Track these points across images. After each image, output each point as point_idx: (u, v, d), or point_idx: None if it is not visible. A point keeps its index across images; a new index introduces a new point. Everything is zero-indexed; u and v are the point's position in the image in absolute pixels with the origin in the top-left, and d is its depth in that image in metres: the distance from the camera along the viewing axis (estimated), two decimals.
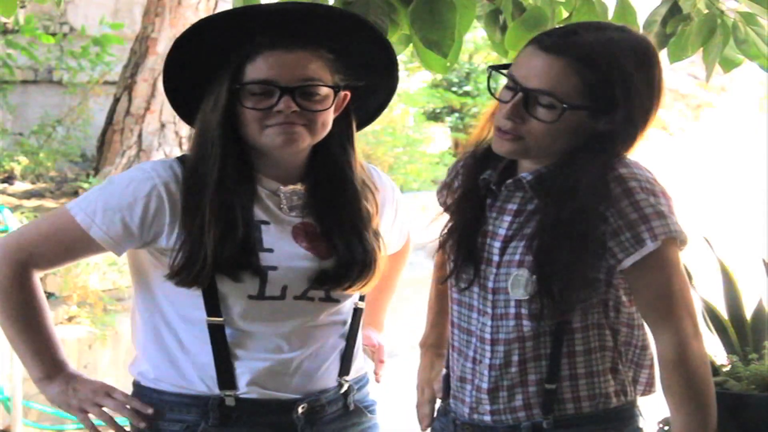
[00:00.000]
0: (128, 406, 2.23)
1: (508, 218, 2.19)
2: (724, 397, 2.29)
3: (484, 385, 2.21)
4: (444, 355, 2.38)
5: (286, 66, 2.18)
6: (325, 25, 2.24)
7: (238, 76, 2.19)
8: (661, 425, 2.31)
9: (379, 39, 2.31)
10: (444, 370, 2.35)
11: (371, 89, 2.32)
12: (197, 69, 2.23)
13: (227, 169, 2.19)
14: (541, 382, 2.18)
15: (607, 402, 2.20)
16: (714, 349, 2.47)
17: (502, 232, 2.19)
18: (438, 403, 2.39)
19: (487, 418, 2.21)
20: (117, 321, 6.74)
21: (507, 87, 2.15)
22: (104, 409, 2.23)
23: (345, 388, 2.32)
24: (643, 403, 2.29)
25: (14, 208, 7.54)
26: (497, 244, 2.19)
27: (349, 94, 2.28)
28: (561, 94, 2.08)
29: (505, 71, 2.18)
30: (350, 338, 2.32)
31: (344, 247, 2.25)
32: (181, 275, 2.17)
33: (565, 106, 2.08)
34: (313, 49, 2.21)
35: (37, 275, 2.24)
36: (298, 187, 2.28)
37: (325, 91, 2.21)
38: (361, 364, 2.40)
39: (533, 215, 2.16)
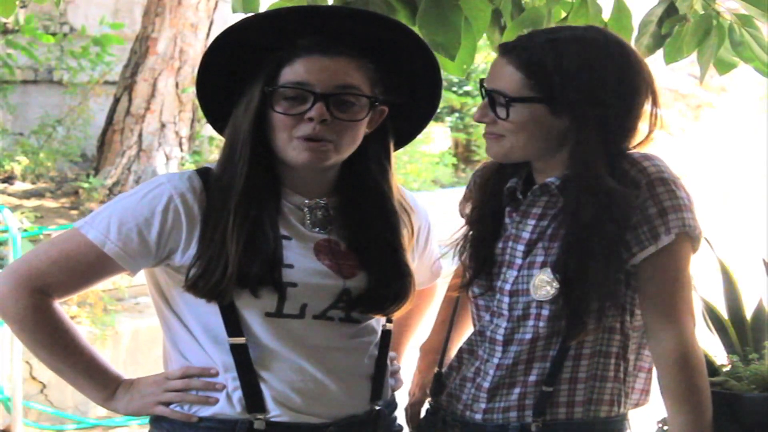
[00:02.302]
0: (192, 382, 2.14)
1: (532, 222, 2.21)
2: (724, 396, 2.29)
3: (486, 384, 2.21)
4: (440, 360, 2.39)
5: (325, 71, 2.09)
6: (370, 33, 2.14)
7: (273, 78, 2.10)
8: (660, 425, 2.31)
9: (426, 54, 2.21)
10: (435, 370, 2.36)
11: (409, 109, 2.24)
12: (232, 73, 2.14)
13: (254, 178, 2.10)
14: (540, 384, 2.18)
15: (598, 410, 2.20)
16: (714, 349, 2.47)
17: (526, 235, 2.21)
18: (427, 402, 2.40)
19: (479, 416, 2.22)
20: (117, 321, 6.75)
21: None
22: (172, 394, 2.15)
23: (376, 413, 2.21)
24: (635, 415, 2.30)
25: (14, 208, 7.56)
26: (521, 247, 2.21)
27: (387, 110, 2.19)
28: (507, 90, 2.14)
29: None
30: (380, 362, 2.22)
31: (378, 269, 2.17)
32: (198, 285, 2.08)
33: (506, 99, 2.14)
34: (355, 57, 2.11)
35: (57, 302, 2.13)
36: (323, 201, 2.19)
37: (362, 101, 2.11)
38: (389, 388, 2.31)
39: (556, 218, 2.19)
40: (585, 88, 2.12)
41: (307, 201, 2.18)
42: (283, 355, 2.12)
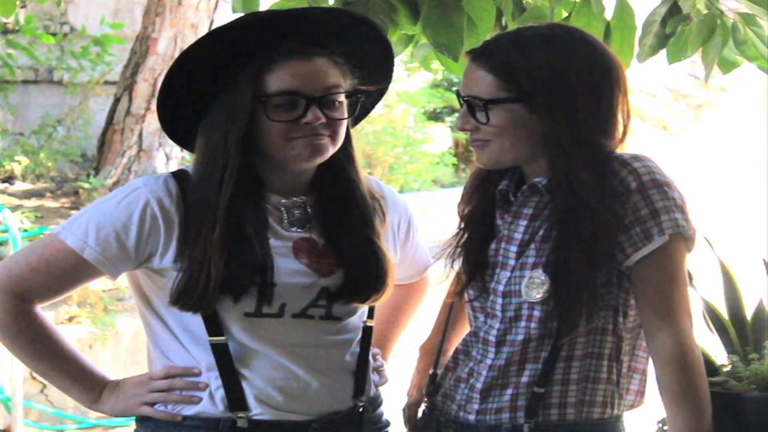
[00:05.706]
0: (176, 382, 2.16)
1: (524, 222, 2.21)
2: (724, 397, 2.29)
3: (479, 385, 2.21)
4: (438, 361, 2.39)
5: (309, 75, 2.12)
6: (335, 29, 2.17)
7: (260, 87, 2.11)
8: (660, 425, 2.31)
9: (379, 38, 2.24)
10: (431, 370, 2.36)
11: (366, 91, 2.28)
12: (197, 86, 2.14)
13: (241, 187, 2.11)
14: (531, 385, 2.18)
15: (591, 411, 2.19)
16: (714, 349, 2.47)
17: (518, 236, 2.21)
18: (423, 403, 2.40)
19: (472, 417, 2.22)
20: (117, 321, 6.75)
21: None
22: (156, 394, 2.17)
23: (360, 409, 2.23)
24: (634, 415, 2.29)
25: (14, 208, 7.56)
26: (513, 248, 2.21)
27: (362, 98, 2.22)
28: (483, 93, 2.15)
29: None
30: (361, 358, 2.23)
31: (357, 260, 2.18)
32: (183, 300, 2.10)
33: (483, 102, 2.15)
34: (328, 55, 2.15)
35: (38, 307, 2.15)
36: (300, 200, 2.21)
37: (343, 97, 2.16)
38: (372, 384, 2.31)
39: (548, 219, 2.18)
40: (551, 83, 2.13)
41: (284, 200, 2.19)
42: (264, 353, 2.13)
